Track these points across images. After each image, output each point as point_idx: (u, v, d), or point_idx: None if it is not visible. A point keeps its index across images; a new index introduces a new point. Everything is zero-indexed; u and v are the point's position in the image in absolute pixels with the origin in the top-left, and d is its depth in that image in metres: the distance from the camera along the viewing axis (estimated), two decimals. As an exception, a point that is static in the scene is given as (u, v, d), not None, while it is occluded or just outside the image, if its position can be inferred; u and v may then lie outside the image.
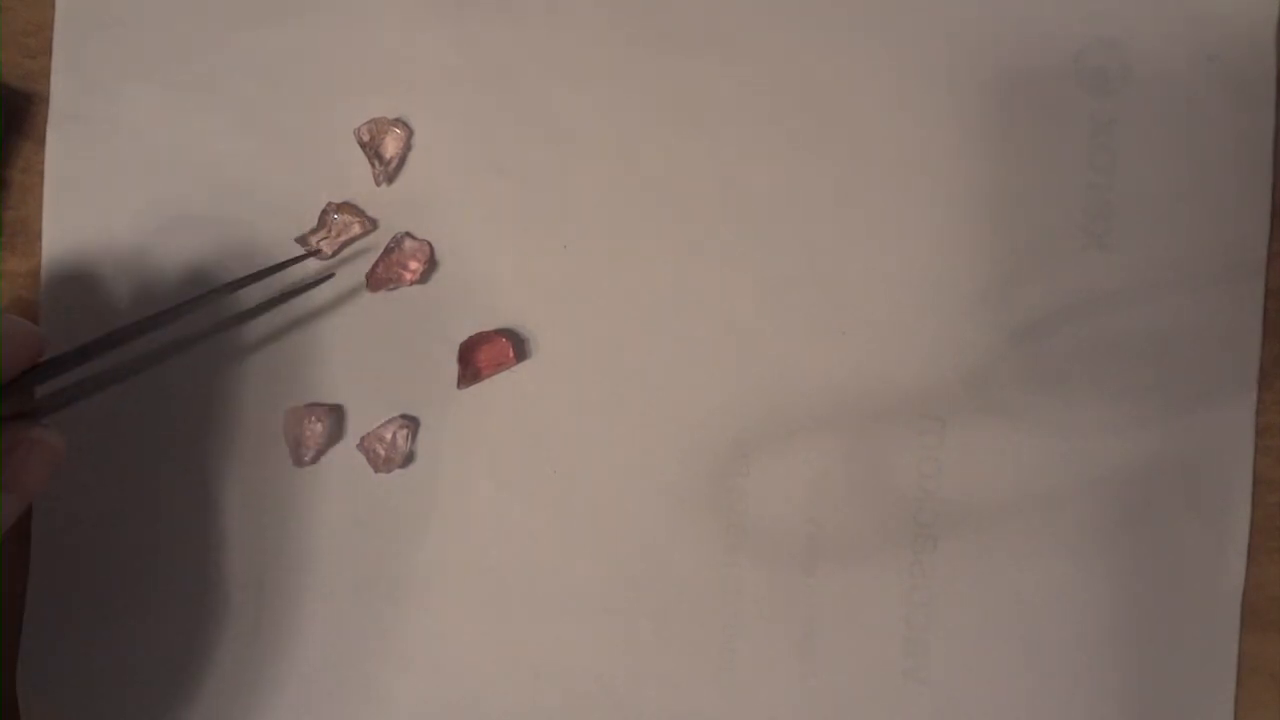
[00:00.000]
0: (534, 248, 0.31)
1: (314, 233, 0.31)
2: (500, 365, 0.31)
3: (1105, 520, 0.30)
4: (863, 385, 0.31)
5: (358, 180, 0.32)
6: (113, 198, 0.32)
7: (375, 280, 0.31)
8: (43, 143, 0.32)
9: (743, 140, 0.31)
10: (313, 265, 0.32)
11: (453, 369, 0.31)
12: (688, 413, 0.31)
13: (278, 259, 0.31)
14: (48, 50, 0.32)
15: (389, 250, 0.31)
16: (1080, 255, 0.30)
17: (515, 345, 0.31)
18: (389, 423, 0.31)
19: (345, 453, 0.32)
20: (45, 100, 0.32)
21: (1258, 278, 0.30)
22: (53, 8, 0.32)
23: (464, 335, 0.31)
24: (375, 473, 0.32)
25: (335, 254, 0.32)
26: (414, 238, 0.31)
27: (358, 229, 0.31)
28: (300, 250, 0.31)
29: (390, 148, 0.31)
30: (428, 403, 0.32)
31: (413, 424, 0.32)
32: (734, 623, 0.31)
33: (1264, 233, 0.30)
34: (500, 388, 0.31)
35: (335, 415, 0.32)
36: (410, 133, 0.31)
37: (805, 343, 0.31)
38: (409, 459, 0.32)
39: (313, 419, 0.31)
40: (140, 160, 0.32)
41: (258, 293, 0.31)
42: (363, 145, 0.31)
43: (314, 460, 0.32)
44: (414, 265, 0.31)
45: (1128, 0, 0.30)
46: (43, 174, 0.32)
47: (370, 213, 0.32)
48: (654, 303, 0.31)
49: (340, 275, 0.32)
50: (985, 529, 0.30)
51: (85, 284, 0.32)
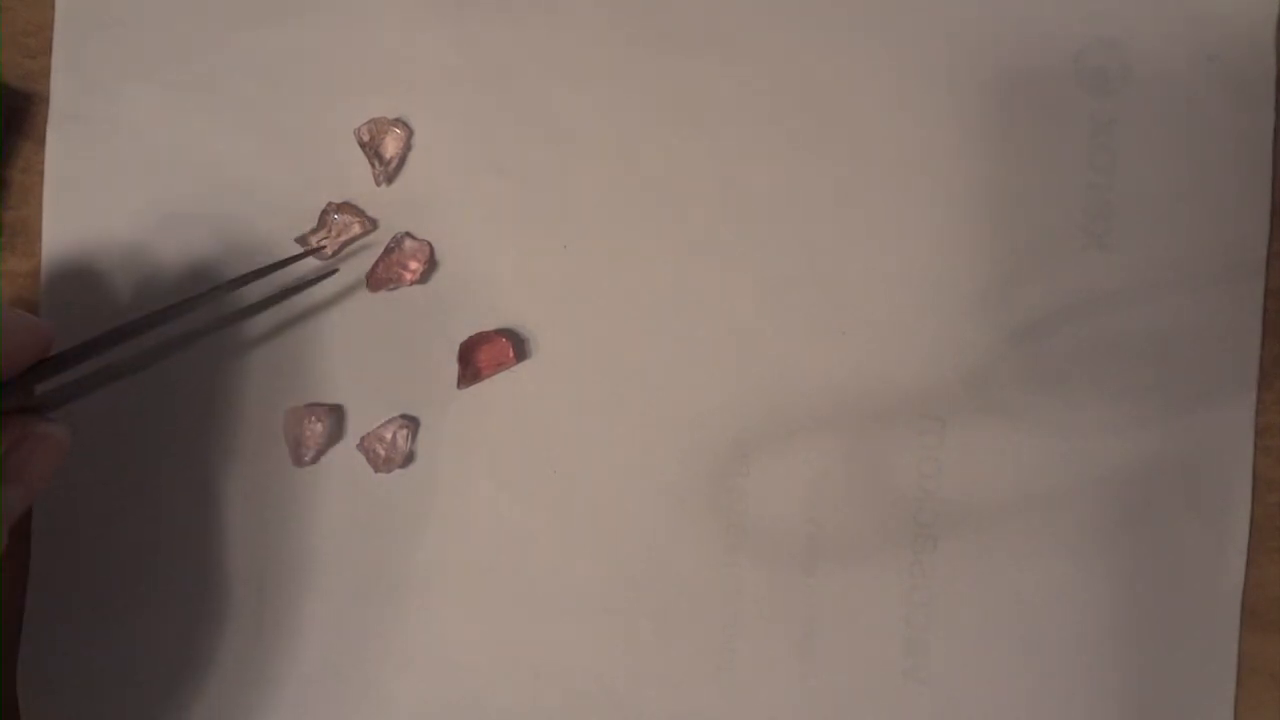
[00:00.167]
0: (534, 248, 0.31)
1: (314, 233, 0.31)
2: (500, 365, 0.31)
3: (1105, 520, 0.30)
4: (863, 385, 0.31)
5: (358, 180, 0.32)
6: (113, 198, 0.32)
7: (375, 280, 0.31)
8: (43, 143, 0.32)
9: (743, 140, 0.31)
10: (314, 262, 0.32)
11: (453, 369, 0.31)
12: (688, 413, 0.31)
13: (278, 259, 0.31)
14: (48, 50, 0.32)
15: (389, 250, 0.31)
16: (1080, 255, 0.30)
17: (515, 345, 0.31)
18: (389, 423, 0.31)
19: (345, 453, 0.32)
20: (45, 100, 0.32)
21: (1258, 278, 0.30)
22: (53, 8, 0.32)
23: (464, 335, 0.31)
24: (375, 473, 0.32)
25: (335, 254, 0.32)
26: (414, 238, 0.31)
27: (358, 229, 0.31)
28: (300, 250, 0.31)
29: (390, 148, 0.31)
30: (428, 403, 0.32)
31: (413, 424, 0.32)
32: (734, 623, 0.31)
33: (1264, 233, 0.30)
34: (500, 388, 0.31)
35: (335, 415, 0.32)
36: (410, 133, 0.31)
37: (805, 343, 0.31)
38: (409, 459, 0.32)
39: (313, 419, 0.31)
40: (140, 160, 0.32)
41: (260, 290, 0.31)
42: (363, 145, 0.31)
43: (314, 460, 0.32)
44: (414, 265, 0.31)
45: (1128, 0, 0.30)
46: (43, 174, 0.32)
47: (370, 213, 0.32)
48: (654, 303, 0.31)
49: (340, 275, 0.32)
50: (985, 529, 0.30)
51: (85, 284, 0.32)
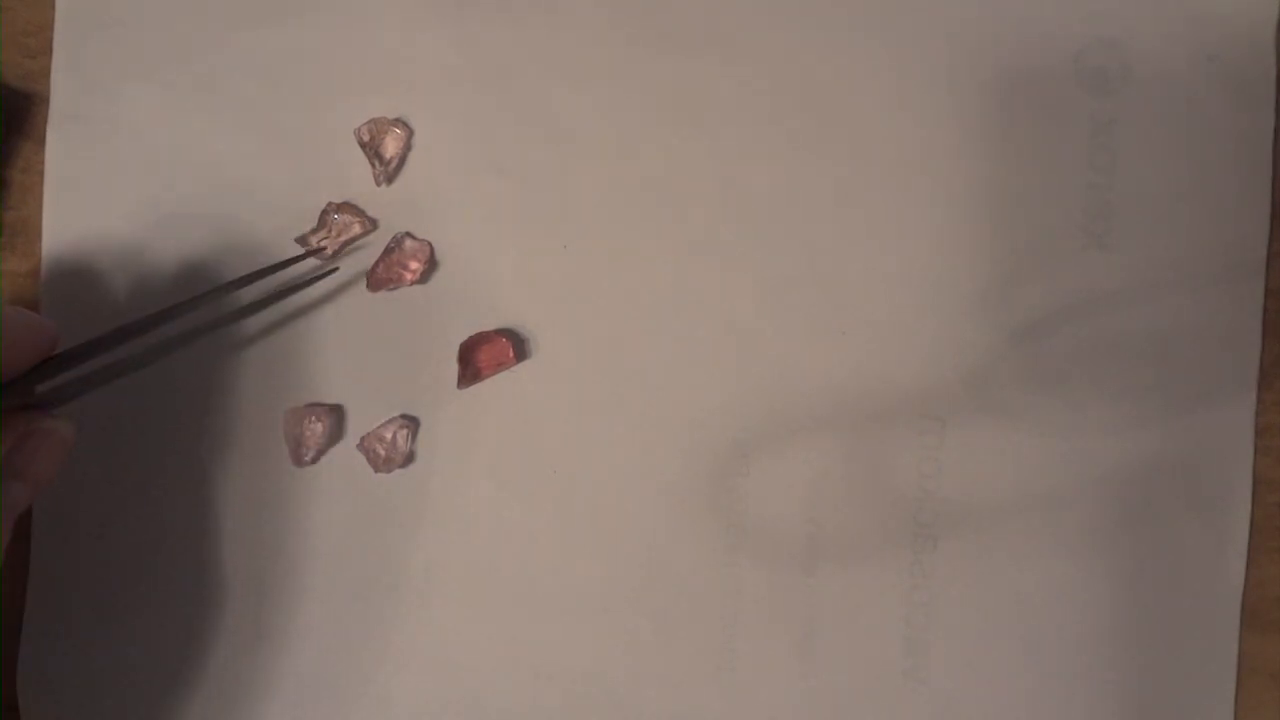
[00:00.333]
0: (534, 248, 0.31)
1: (314, 233, 0.31)
2: (500, 365, 0.31)
3: (1105, 520, 0.30)
4: (863, 385, 0.31)
5: (358, 180, 0.32)
6: (113, 198, 0.32)
7: (375, 280, 0.31)
8: (43, 143, 0.32)
9: (743, 140, 0.31)
10: (314, 262, 0.32)
11: (453, 369, 0.31)
12: (688, 413, 0.31)
13: (278, 259, 0.31)
14: (48, 50, 0.32)
15: (389, 250, 0.31)
16: (1080, 255, 0.30)
17: (515, 345, 0.31)
18: (389, 423, 0.31)
19: (345, 453, 0.32)
20: (45, 100, 0.32)
21: (1258, 278, 0.30)
22: (53, 8, 0.32)
23: (464, 335, 0.31)
24: (375, 473, 0.32)
25: (335, 254, 0.32)
26: (414, 238, 0.31)
27: (358, 229, 0.31)
28: (300, 250, 0.31)
29: (390, 148, 0.31)
30: (428, 403, 0.32)
31: (413, 424, 0.32)
32: (734, 623, 0.31)
33: (1264, 233, 0.30)
34: (500, 388, 0.31)
35: (335, 415, 0.32)
36: (410, 133, 0.31)
37: (805, 343, 0.31)
38: (409, 459, 0.32)
39: (313, 419, 0.31)
40: (140, 160, 0.32)
41: (260, 289, 0.31)
42: (363, 145, 0.31)
43: (314, 460, 0.32)
44: (414, 265, 0.31)
45: (1128, 0, 0.30)
46: (43, 174, 0.32)
47: (370, 213, 0.32)
48: (654, 303, 0.31)
49: (340, 275, 0.32)
50: (985, 529, 0.30)
51: (85, 284, 0.32)
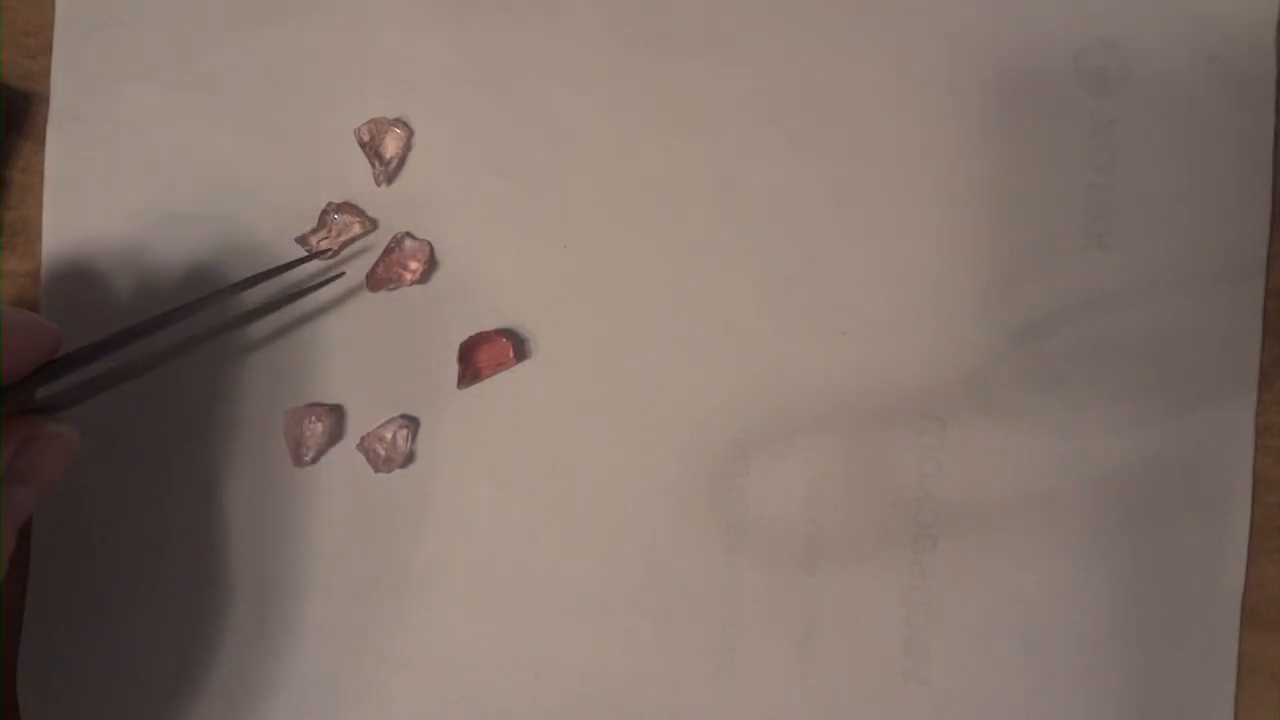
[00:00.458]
0: (534, 248, 0.31)
1: (314, 233, 0.31)
2: (500, 365, 0.31)
3: (1105, 520, 0.30)
4: (863, 385, 0.31)
5: (358, 180, 0.32)
6: (113, 198, 0.32)
7: (375, 280, 0.31)
8: (43, 143, 0.32)
9: (743, 140, 0.31)
10: (320, 264, 0.32)
11: (453, 369, 0.31)
12: (688, 413, 0.31)
13: (278, 259, 0.31)
14: (48, 50, 0.32)
15: (389, 250, 0.31)
16: (1080, 255, 0.30)
17: (515, 345, 0.31)
18: (389, 423, 0.31)
19: (345, 453, 0.32)
20: (45, 100, 0.32)
21: (1258, 278, 0.30)
22: (53, 8, 0.32)
23: (464, 335, 0.31)
24: (375, 473, 0.32)
25: (335, 254, 0.32)
26: (414, 238, 0.31)
27: (358, 229, 0.31)
28: (301, 250, 0.31)
29: (390, 148, 0.31)
30: (428, 403, 0.32)
31: (413, 424, 0.32)
32: (734, 623, 0.31)
33: (1264, 233, 0.30)
34: (500, 388, 0.31)
35: (335, 415, 0.32)
36: (410, 133, 0.31)
37: (805, 343, 0.31)
38: (409, 459, 0.32)
39: (313, 419, 0.31)
40: (140, 160, 0.32)
41: (264, 292, 0.31)
42: (363, 145, 0.31)
43: (314, 460, 0.32)
44: (414, 265, 0.31)
45: (1128, 0, 0.30)
46: (43, 174, 0.32)
47: (370, 213, 0.32)
48: (654, 303, 0.31)
49: (340, 275, 0.32)
50: (985, 529, 0.30)
51: (85, 284, 0.32)
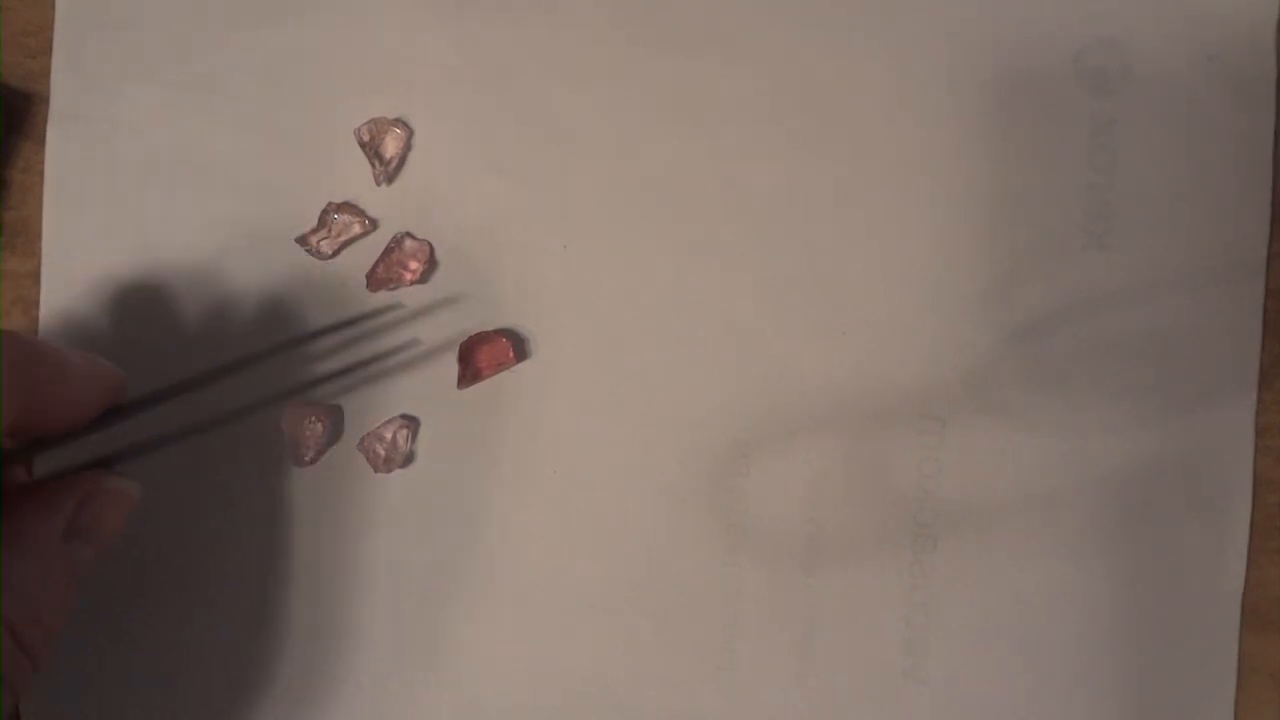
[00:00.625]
0: (534, 248, 0.31)
1: (314, 233, 0.31)
2: (500, 365, 0.31)
3: (1105, 520, 0.30)
4: (863, 385, 0.31)
5: (358, 180, 0.32)
6: (113, 198, 0.32)
7: (375, 280, 0.31)
8: (43, 143, 0.32)
9: (743, 140, 0.31)
10: (394, 316, 0.31)
11: (453, 369, 0.31)
12: (688, 413, 0.31)
13: (278, 259, 0.31)
14: (48, 50, 0.32)
15: (389, 250, 0.31)
16: (1080, 255, 0.30)
17: (515, 345, 0.31)
18: (389, 423, 0.31)
19: (345, 453, 0.32)
20: (45, 100, 0.32)
21: (1258, 278, 0.30)
22: (53, 8, 0.32)
23: (464, 335, 0.31)
24: (375, 473, 0.32)
25: (335, 254, 0.32)
26: (414, 238, 0.31)
27: (358, 229, 0.31)
28: (302, 251, 0.31)
29: (390, 148, 0.31)
30: (428, 403, 0.32)
31: (413, 424, 0.32)
32: (734, 623, 0.31)
33: (1264, 233, 0.30)
34: (500, 388, 0.31)
35: (335, 415, 0.32)
36: (410, 133, 0.31)
37: (805, 343, 0.31)
38: (409, 459, 0.32)
39: (313, 419, 0.31)
40: (140, 160, 0.32)
41: (332, 352, 0.31)
42: (363, 145, 0.31)
43: (314, 460, 0.32)
44: (414, 265, 0.31)
45: (1128, 0, 0.30)
46: (43, 174, 0.32)
47: (370, 213, 0.32)
48: (654, 303, 0.31)
49: (340, 275, 0.32)
50: (985, 529, 0.30)
51: (85, 284, 0.32)
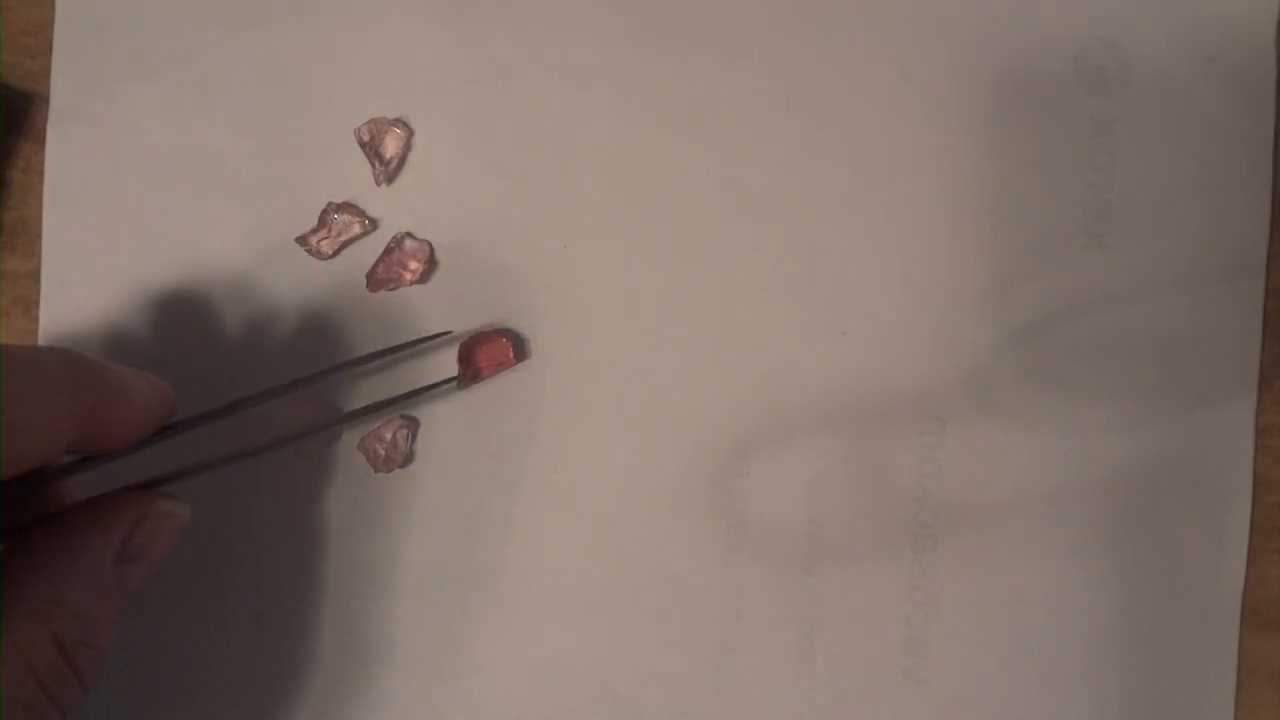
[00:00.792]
0: (534, 248, 0.31)
1: (314, 233, 0.31)
2: (500, 365, 0.31)
3: (1105, 520, 0.30)
4: (863, 385, 0.31)
5: (358, 180, 0.32)
6: (113, 198, 0.32)
7: (375, 280, 0.31)
8: (43, 143, 0.32)
9: (743, 140, 0.31)
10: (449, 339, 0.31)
11: (453, 369, 0.31)
12: (688, 413, 0.31)
13: (278, 259, 0.31)
14: (48, 50, 0.32)
15: (389, 250, 0.31)
16: (1080, 255, 0.30)
17: (515, 345, 0.31)
18: (389, 423, 0.31)
19: (345, 453, 0.32)
20: (45, 100, 0.32)
21: (1258, 278, 0.30)
22: (53, 8, 0.32)
23: (464, 335, 0.31)
24: (375, 473, 0.32)
25: (335, 254, 0.32)
26: (414, 238, 0.31)
27: (358, 229, 0.31)
28: (303, 251, 0.31)
29: (390, 148, 0.31)
30: (428, 403, 0.32)
31: (413, 424, 0.32)
32: (734, 623, 0.31)
33: (1264, 233, 0.30)
34: (500, 388, 0.31)
35: (335, 414, 0.32)
36: (410, 133, 0.31)
37: (805, 343, 0.31)
38: (409, 459, 0.32)
39: (312, 417, 0.31)
40: (140, 160, 0.32)
41: (375, 381, 0.31)
42: (363, 145, 0.31)
43: (314, 460, 0.32)
44: (414, 265, 0.31)
45: (1128, 0, 0.30)
46: (43, 174, 0.32)
47: (370, 213, 0.32)
48: (654, 303, 0.31)
49: (340, 275, 0.32)
50: (985, 529, 0.30)
51: (85, 284, 0.32)
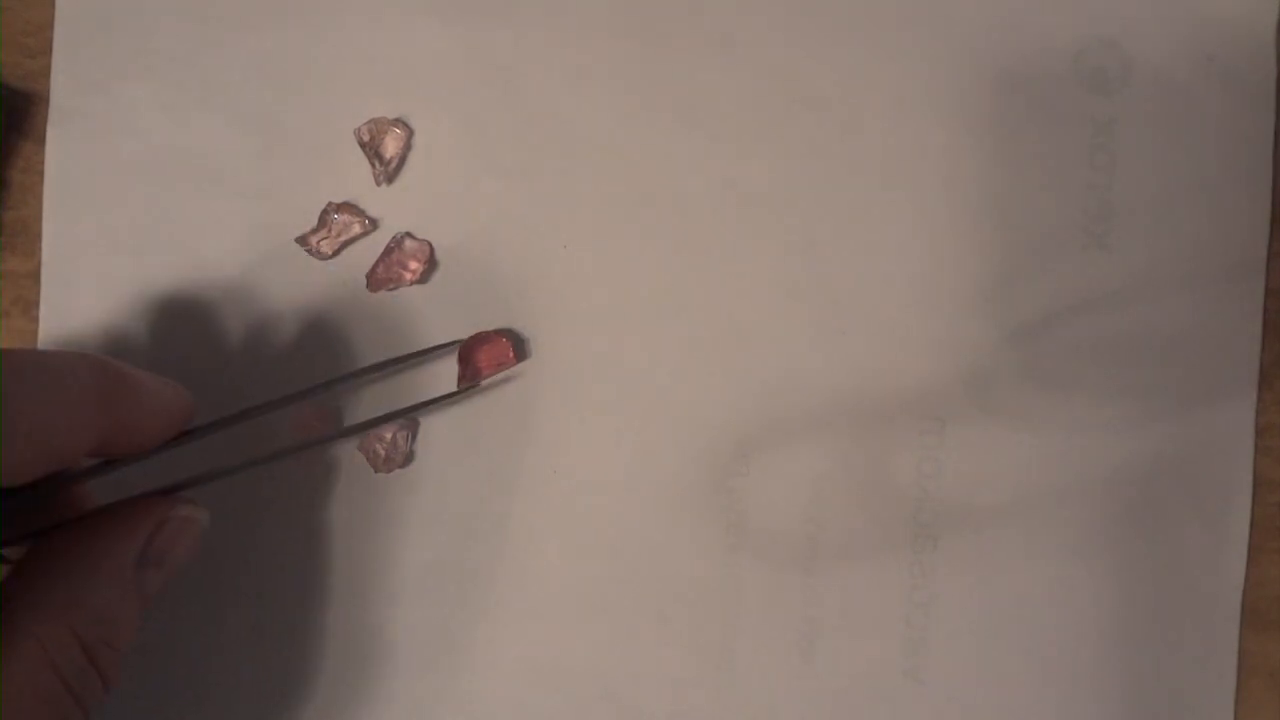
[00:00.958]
0: (534, 248, 0.31)
1: (314, 233, 0.31)
2: (500, 365, 0.31)
3: (1105, 520, 0.30)
4: (863, 385, 0.31)
5: (358, 180, 0.32)
6: (113, 198, 0.32)
7: (375, 280, 0.31)
8: (43, 143, 0.32)
9: (743, 140, 0.31)
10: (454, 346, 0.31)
11: (453, 369, 0.31)
12: (688, 413, 0.31)
13: (278, 259, 0.31)
14: (48, 50, 0.32)
15: (389, 250, 0.31)
16: (1080, 255, 0.30)
17: (515, 345, 0.31)
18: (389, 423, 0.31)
19: (345, 453, 0.32)
20: (45, 100, 0.32)
21: (1258, 278, 0.30)
22: (53, 8, 0.32)
23: (464, 335, 0.31)
24: (375, 473, 0.32)
25: (335, 254, 0.32)
26: (414, 238, 0.31)
27: (358, 229, 0.31)
28: (303, 251, 0.31)
29: (390, 148, 0.31)
30: (428, 403, 0.32)
31: (413, 424, 0.32)
32: (734, 623, 0.31)
33: (1264, 233, 0.30)
34: (500, 388, 0.31)
35: (335, 415, 0.32)
36: (410, 133, 0.31)
37: (805, 343, 0.31)
38: (409, 459, 0.32)
39: (313, 420, 0.31)
40: (140, 160, 0.32)
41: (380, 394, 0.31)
42: (363, 145, 0.31)
43: (314, 461, 0.32)
44: (414, 265, 0.31)
45: (1128, 0, 0.30)
46: (43, 174, 0.32)
47: (370, 213, 0.32)
48: (654, 303, 0.31)
49: (340, 275, 0.32)
50: (985, 529, 0.30)
51: (85, 284, 0.32)
